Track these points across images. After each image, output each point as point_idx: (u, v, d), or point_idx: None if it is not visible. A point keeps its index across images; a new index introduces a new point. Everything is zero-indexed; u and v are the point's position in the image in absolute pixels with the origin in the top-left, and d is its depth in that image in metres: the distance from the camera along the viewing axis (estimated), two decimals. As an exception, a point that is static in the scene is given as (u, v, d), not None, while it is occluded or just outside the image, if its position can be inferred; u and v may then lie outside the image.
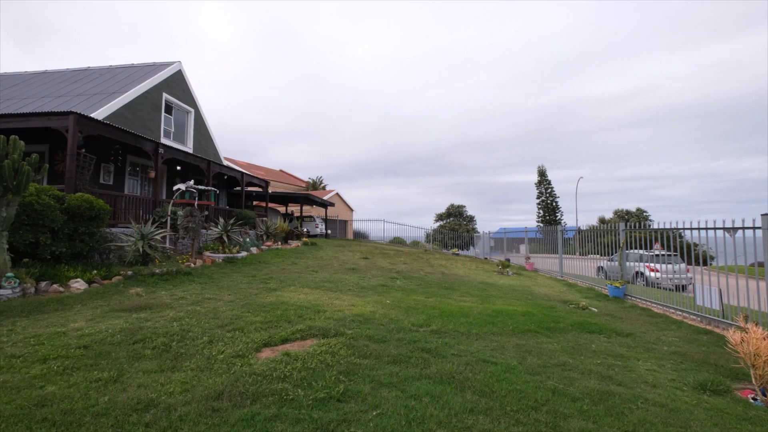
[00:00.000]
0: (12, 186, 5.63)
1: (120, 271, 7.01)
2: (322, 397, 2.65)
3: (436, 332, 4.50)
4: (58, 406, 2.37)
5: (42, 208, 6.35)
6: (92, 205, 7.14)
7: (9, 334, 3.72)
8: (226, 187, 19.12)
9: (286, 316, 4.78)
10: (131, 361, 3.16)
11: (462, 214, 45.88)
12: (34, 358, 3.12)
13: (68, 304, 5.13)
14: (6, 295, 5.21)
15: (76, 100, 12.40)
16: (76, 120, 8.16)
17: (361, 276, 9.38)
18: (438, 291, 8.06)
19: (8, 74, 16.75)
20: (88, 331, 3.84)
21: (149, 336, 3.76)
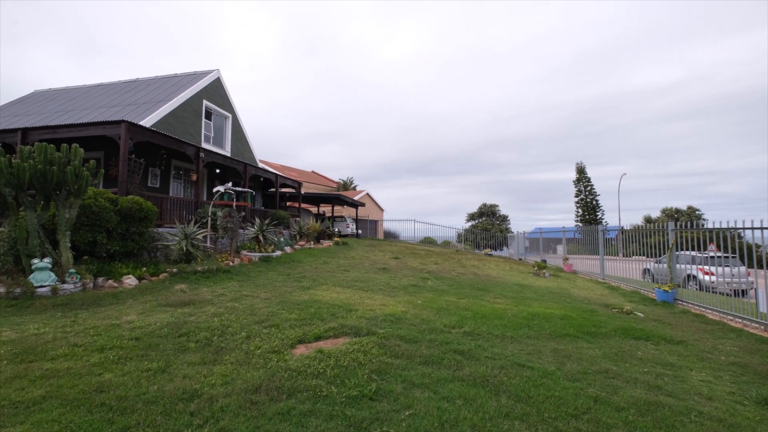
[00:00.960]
0: (74, 190, 6.17)
1: (166, 269, 7.47)
2: (354, 395, 2.68)
3: (468, 334, 4.42)
4: (114, 393, 2.56)
5: (99, 209, 6.90)
6: (141, 207, 7.67)
7: (72, 325, 4.07)
8: (261, 188, 19.85)
9: (319, 314, 4.88)
10: (177, 353, 3.36)
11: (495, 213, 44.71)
12: (93, 347, 3.40)
13: (121, 299, 5.53)
14: (69, 290, 5.71)
15: (127, 110, 13.37)
16: (127, 128, 8.80)
17: (392, 276, 9.39)
18: (470, 292, 7.91)
19: (70, 88, 18.36)
20: (138, 324, 4.12)
21: (193, 330, 3.97)
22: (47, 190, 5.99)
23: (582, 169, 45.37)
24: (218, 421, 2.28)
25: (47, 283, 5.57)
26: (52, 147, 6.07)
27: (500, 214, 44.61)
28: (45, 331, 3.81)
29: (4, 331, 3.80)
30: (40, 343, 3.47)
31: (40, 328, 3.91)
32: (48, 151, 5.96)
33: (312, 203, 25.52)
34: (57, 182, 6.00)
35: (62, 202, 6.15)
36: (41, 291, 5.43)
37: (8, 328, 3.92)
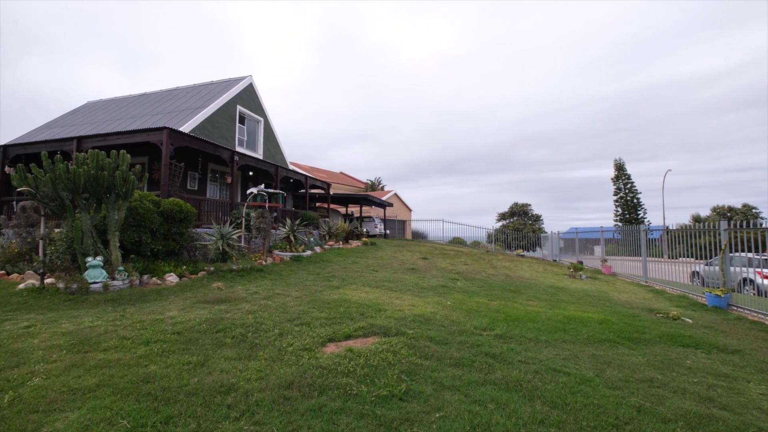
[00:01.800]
0: (122, 193, 6.62)
1: (204, 267, 7.84)
2: (384, 394, 2.68)
3: (500, 337, 4.30)
4: (158, 384, 2.72)
5: (144, 211, 7.36)
6: (182, 208, 8.10)
7: (121, 319, 4.37)
8: (291, 189, 20.38)
9: (348, 313, 4.94)
10: (215, 348, 3.51)
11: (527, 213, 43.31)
12: (139, 340, 3.62)
13: (164, 295, 5.86)
14: (118, 286, 6.13)
15: (168, 117, 14.16)
16: (168, 134, 9.32)
17: (421, 276, 9.34)
18: (502, 294, 7.71)
19: (117, 98, 19.71)
20: (180, 320, 4.35)
21: (229, 326, 4.14)
22: (99, 194, 6.46)
23: (621, 166, 43.01)
24: (253, 414, 2.36)
25: (99, 280, 6.01)
26: (103, 154, 6.54)
27: (533, 214, 43.14)
28: (98, 324, 4.11)
29: (63, 323, 4.13)
30: (94, 335, 3.75)
31: (93, 321, 4.22)
32: (99, 158, 6.43)
33: (340, 204, 25.87)
34: (107, 186, 6.46)
35: (112, 205, 6.61)
36: (94, 287, 5.86)
37: (67, 321, 4.26)
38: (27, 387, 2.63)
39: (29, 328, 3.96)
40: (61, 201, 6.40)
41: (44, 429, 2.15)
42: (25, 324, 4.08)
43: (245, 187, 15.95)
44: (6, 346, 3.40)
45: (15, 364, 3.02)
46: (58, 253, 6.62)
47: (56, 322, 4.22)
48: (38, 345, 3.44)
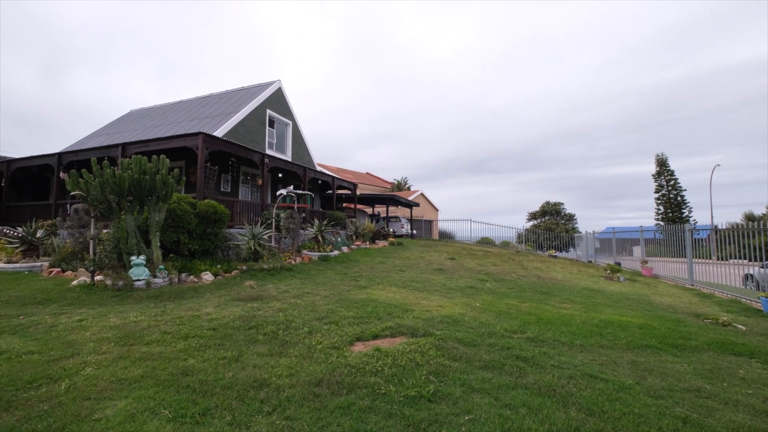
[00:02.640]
0: (162, 195, 7.00)
1: (237, 266, 8.15)
2: (412, 395, 2.67)
3: (532, 340, 4.18)
4: (196, 377, 2.85)
5: (182, 213, 7.74)
6: (216, 210, 8.45)
7: (162, 315, 4.62)
8: (319, 190, 20.75)
9: (376, 313, 4.96)
10: (248, 344, 3.64)
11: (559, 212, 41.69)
12: (179, 335, 3.82)
13: (200, 293, 6.14)
14: (159, 283, 6.49)
15: (203, 122, 14.83)
16: (203, 139, 9.76)
17: (448, 277, 9.23)
18: (533, 296, 7.48)
19: (157, 106, 20.87)
20: (215, 316, 4.54)
21: (261, 323, 4.28)
22: (141, 196, 6.87)
23: (663, 161, 40.50)
24: (285, 410, 2.43)
25: (142, 278, 6.38)
26: (145, 159, 6.95)
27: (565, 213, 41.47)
28: (141, 319, 4.37)
29: (111, 318, 4.43)
30: (138, 329, 3.99)
31: (137, 316, 4.50)
32: (142, 163, 6.84)
33: (367, 204, 26.05)
34: (149, 189, 6.86)
35: (153, 207, 7.01)
36: (138, 284, 6.23)
37: (114, 315, 4.56)
38: (80, 376, 2.84)
39: (82, 321, 4.27)
40: (108, 203, 6.86)
41: (96, 415, 2.31)
42: (78, 318, 4.41)
43: (275, 188, 16.41)
44: (62, 338, 3.68)
45: (70, 354, 3.27)
46: (106, 252, 7.11)
47: (105, 316, 4.52)
48: (89, 337, 3.71)
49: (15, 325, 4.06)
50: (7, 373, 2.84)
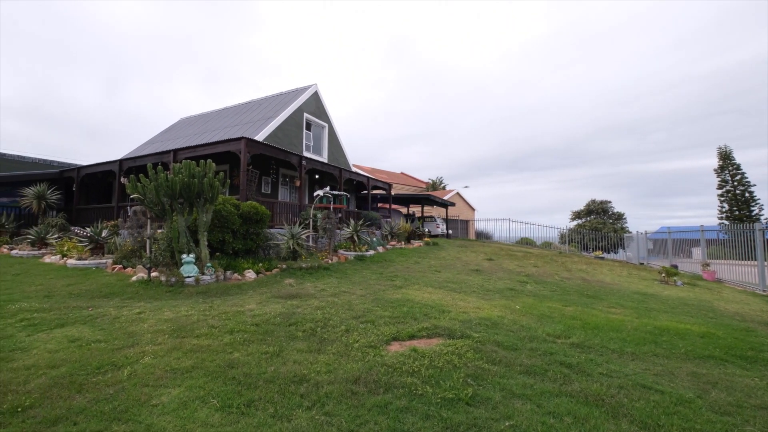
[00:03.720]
0: (208, 197, 7.44)
1: (277, 265, 8.46)
2: (450, 397, 2.63)
3: (577, 346, 3.96)
4: (241, 370, 3.00)
5: (226, 213, 8.18)
6: (257, 211, 8.84)
7: (209, 310, 4.90)
8: (354, 191, 21.04)
9: (411, 313, 4.95)
10: (288, 341, 3.77)
11: (606, 210, 39.20)
12: (225, 329, 4.03)
13: (244, 290, 6.45)
14: (206, 280, 6.89)
15: (245, 128, 15.57)
16: (245, 143, 10.24)
17: (486, 278, 9.00)
18: (578, 299, 7.09)
19: (203, 113, 22.21)
20: (258, 312, 4.75)
21: (300, 320, 4.41)
22: (191, 198, 7.34)
23: (727, 155, 36.78)
24: (324, 405, 2.48)
25: (192, 275, 6.82)
26: (193, 163, 7.42)
27: (613, 212, 38.91)
28: (191, 313, 4.67)
29: (165, 312, 4.77)
30: (189, 323, 4.26)
31: (188, 311, 4.81)
32: (191, 167, 7.31)
33: (402, 204, 26.03)
34: (197, 192, 7.31)
35: (201, 208, 7.47)
36: (188, 280, 6.66)
37: (168, 309, 4.91)
38: (140, 364, 3.09)
39: (140, 314, 4.64)
40: (162, 205, 7.39)
41: (153, 401, 2.50)
42: (137, 311, 4.79)
43: (312, 189, 16.87)
44: (124, 329, 4.02)
45: (130, 344, 3.56)
46: (161, 250, 7.67)
47: (160, 310, 4.88)
48: (147, 329, 4.02)
49: (85, 316, 4.49)
50: (79, 359, 3.15)
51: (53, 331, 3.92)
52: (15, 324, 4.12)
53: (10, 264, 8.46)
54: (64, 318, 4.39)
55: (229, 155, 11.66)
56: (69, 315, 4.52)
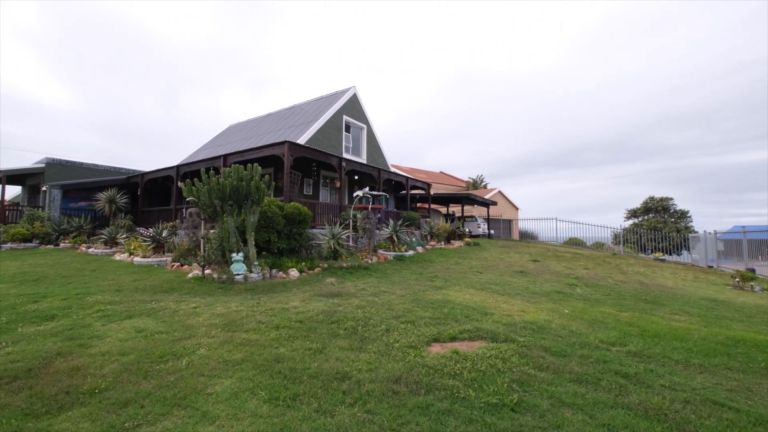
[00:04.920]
0: (255, 199, 7.83)
1: (319, 264, 8.71)
2: (494, 402, 2.55)
3: (634, 354, 3.67)
4: (286, 364, 3.12)
5: (272, 214, 8.56)
6: (300, 212, 9.16)
7: (257, 306, 5.15)
8: (393, 191, 21.11)
9: (452, 314, 4.86)
10: (330, 338, 3.86)
11: (667, 208, 35.89)
12: (271, 325, 4.22)
13: (288, 287, 6.71)
14: (254, 278, 7.26)
15: (287, 132, 16.21)
16: (289, 147, 10.65)
17: (531, 280, 8.62)
18: (635, 304, 6.57)
19: (249, 120, 23.43)
20: (301, 310, 4.91)
21: (341, 319, 4.50)
22: (239, 200, 7.77)
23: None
24: (365, 403, 2.51)
25: (241, 272, 7.21)
26: (241, 167, 7.84)
27: (675, 210, 35.56)
28: (241, 309, 4.94)
29: (218, 307, 5.09)
30: (238, 318, 4.51)
31: (238, 307, 5.09)
32: (239, 171, 7.74)
33: (441, 204, 25.69)
34: (245, 194, 7.73)
35: (249, 209, 7.88)
36: (237, 278, 7.06)
37: (220, 305, 5.23)
38: (196, 355, 3.32)
39: (196, 308, 4.99)
40: (214, 207, 7.90)
41: (208, 390, 2.68)
42: (193, 305, 5.16)
43: (351, 190, 17.16)
44: (182, 322, 4.35)
45: (188, 336, 3.84)
46: (213, 249, 8.20)
47: (213, 305, 5.21)
48: (202, 323, 4.31)
49: (149, 309, 4.91)
50: (145, 348, 3.45)
51: (123, 321, 4.33)
52: (92, 314, 4.61)
53: (87, 261, 9.47)
54: (132, 310, 4.84)
55: (274, 158, 12.20)
56: (136, 308, 4.97)
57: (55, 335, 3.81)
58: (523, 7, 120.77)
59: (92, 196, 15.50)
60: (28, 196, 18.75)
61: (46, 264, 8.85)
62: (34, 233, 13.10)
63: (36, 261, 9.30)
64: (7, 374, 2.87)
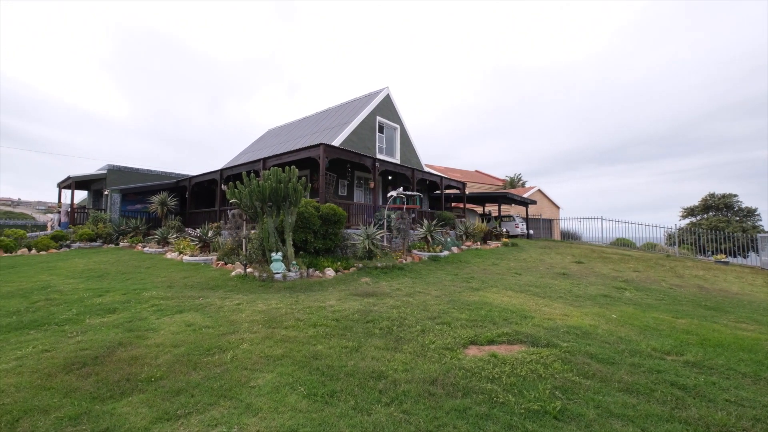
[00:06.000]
0: (293, 200, 8.09)
1: (354, 264, 8.83)
2: (535, 409, 2.45)
3: (693, 365, 3.38)
4: (324, 361, 3.19)
5: (308, 215, 8.80)
6: (335, 212, 9.33)
7: (295, 304, 5.32)
8: (427, 191, 20.93)
9: (490, 317, 4.74)
10: (365, 337, 3.90)
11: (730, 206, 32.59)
12: (309, 323, 4.34)
13: (324, 286, 6.86)
14: (292, 277, 7.50)
15: (323, 134, 16.58)
16: (324, 149, 10.90)
17: (575, 282, 8.20)
18: (693, 310, 6.05)
19: (287, 123, 24.25)
20: (337, 308, 5.01)
21: (376, 318, 4.53)
22: (278, 202, 8.07)
23: None
24: (402, 403, 2.51)
25: (280, 271, 7.48)
26: (279, 170, 8.13)
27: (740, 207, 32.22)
28: (280, 306, 5.12)
29: (259, 304, 5.31)
30: (278, 315, 4.68)
31: (277, 304, 5.28)
32: (277, 173, 8.03)
33: (477, 203, 25.12)
34: (283, 195, 8.00)
35: (287, 210, 8.16)
36: (276, 276, 7.33)
37: (261, 302, 5.46)
38: (240, 349, 3.48)
39: (239, 305, 5.24)
40: (254, 208, 8.26)
41: (251, 383, 2.80)
42: (237, 302, 5.42)
43: (385, 190, 17.23)
44: (227, 317, 4.59)
45: (232, 331, 4.04)
46: (254, 248, 8.57)
47: (254, 302, 5.45)
48: (245, 318, 4.52)
49: (197, 305, 5.23)
50: (194, 341, 3.68)
51: (174, 316, 4.65)
52: (148, 308, 4.98)
53: (142, 259, 10.26)
54: (182, 305, 5.17)
55: (310, 161, 12.54)
56: (185, 303, 5.31)
57: (117, 327, 4.16)
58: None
59: (146, 199, 16.77)
60: (93, 200, 20.63)
61: (108, 261, 9.69)
62: (98, 233, 14.40)
63: (100, 259, 10.22)
64: (78, 360, 3.18)
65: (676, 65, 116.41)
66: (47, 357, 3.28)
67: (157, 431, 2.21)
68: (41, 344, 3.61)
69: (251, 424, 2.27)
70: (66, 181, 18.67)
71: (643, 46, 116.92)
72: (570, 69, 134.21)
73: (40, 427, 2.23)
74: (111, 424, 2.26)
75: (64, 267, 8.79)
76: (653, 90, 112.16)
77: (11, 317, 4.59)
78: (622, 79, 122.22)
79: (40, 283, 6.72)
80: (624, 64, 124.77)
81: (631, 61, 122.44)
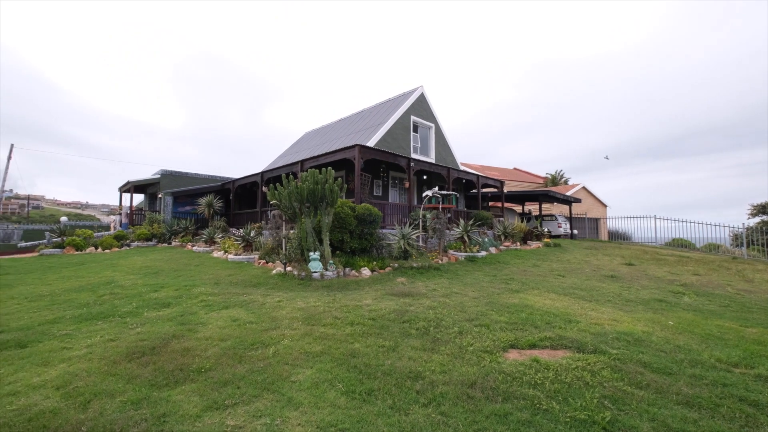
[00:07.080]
0: (330, 201, 8.27)
1: (389, 263, 8.86)
2: (582, 418, 2.33)
3: (765, 379, 3.04)
4: (361, 360, 3.23)
5: (344, 215, 8.95)
6: (371, 212, 9.42)
7: (333, 302, 5.43)
8: (463, 190, 20.54)
9: (531, 320, 4.56)
10: (402, 337, 3.90)
11: (809, 202, 28.96)
12: (346, 321, 4.41)
13: (361, 286, 6.94)
14: (329, 276, 7.67)
15: (358, 135, 16.80)
16: (359, 150, 11.04)
17: (625, 286, 7.68)
18: (765, 319, 5.45)
19: (323, 126, 24.84)
20: (373, 308, 5.05)
21: (413, 318, 4.52)
22: (315, 203, 8.28)
23: None
24: (440, 405, 2.48)
25: (317, 270, 7.68)
26: (316, 171, 8.35)
27: (822, 204, 28.49)
28: (318, 305, 5.25)
29: (298, 302, 5.49)
30: (316, 312, 4.81)
31: (315, 302, 5.43)
32: (314, 175, 8.24)
33: (516, 202, 24.26)
34: (320, 196, 8.21)
35: (324, 211, 8.36)
36: (314, 275, 7.53)
37: (300, 300, 5.63)
38: (281, 345, 3.62)
39: (279, 302, 5.44)
40: (293, 209, 8.54)
41: (292, 378, 2.90)
42: (277, 299, 5.64)
43: (420, 190, 17.12)
44: (269, 314, 4.78)
45: (273, 327, 4.21)
46: (293, 248, 8.87)
47: (293, 300, 5.64)
48: (285, 315, 4.68)
49: (241, 301, 5.50)
50: (239, 335, 3.87)
51: (221, 311, 4.92)
52: (197, 304, 5.32)
53: (192, 257, 10.96)
54: (228, 301, 5.46)
55: (345, 162, 12.75)
56: (230, 299, 5.61)
57: (171, 320, 4.48)
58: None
59: (195, 201, 17.91)
60: (149, 202, 22.39)
61: (162, 259, 10.45)
62: (153, 233, 15.59)
63: (155, 257, 11.05)
64: (138, 350, 3.46)
65: (731, 51, 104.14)
66: (112, 346, 3.60)
67: (207, 419, 2.35)
68: (107, 334, 3.98)
69: (293, 417, 2.35)
70: (126, 185, 20.42)
71: (690, 34, 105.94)
72: (617, 59, 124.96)
73: (108, 409, 2.45)
74: (167, 410, 2.44)
75: (124, 264, 9.61)
76: (709, 76, 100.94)
77: (82, 309, 5.10)
78: (673, 66, 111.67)
79: (105, 279, 7.40)
80: (674, 52, 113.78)
81: (681, 49, 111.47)
